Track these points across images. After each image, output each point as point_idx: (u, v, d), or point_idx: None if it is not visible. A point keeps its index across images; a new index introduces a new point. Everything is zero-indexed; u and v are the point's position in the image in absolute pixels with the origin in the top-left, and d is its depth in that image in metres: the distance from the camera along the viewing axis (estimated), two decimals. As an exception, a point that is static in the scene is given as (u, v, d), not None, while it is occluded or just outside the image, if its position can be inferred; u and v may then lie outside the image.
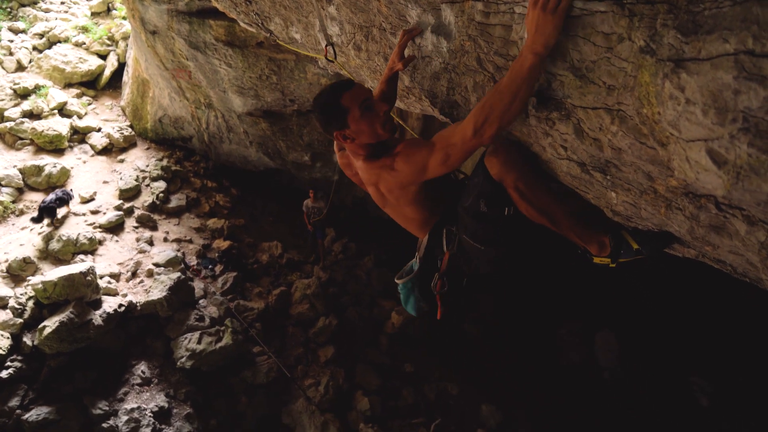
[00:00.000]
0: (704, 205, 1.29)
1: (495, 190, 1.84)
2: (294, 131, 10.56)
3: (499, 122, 1.52)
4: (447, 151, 1.69)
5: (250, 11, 4.50)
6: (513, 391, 8.79)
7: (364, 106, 1.86)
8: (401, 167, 1.86)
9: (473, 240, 2.00)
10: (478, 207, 1.90)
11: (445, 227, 2.14)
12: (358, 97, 1.85)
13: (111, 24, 14.51)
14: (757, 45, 0.95)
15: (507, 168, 1.79)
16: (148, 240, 9.25)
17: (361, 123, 1.87)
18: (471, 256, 2.10)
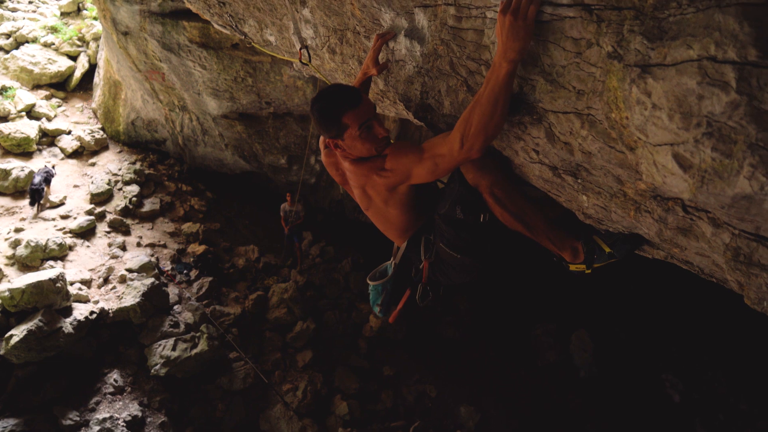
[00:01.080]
0: (672, 208, 1.31)
1: (471, 196, 1.84)
2: (270, 134, 10.48)
3: (485, 133, 1.52)
4: (435, 160, 1.70)
5: (224, 13, 4.45)
6: (491, 392, 8.85)
7: (365, 127, 1.82)
8: (391, 168, 1.85)
9: (449, 248, 1.98)
10: (454, 213, 1.89)
11: (424, 235, 2.13)
12: (361, 118, 1.80)
13: (81, 24, 14.20)
14: (719, 51, 0.97)
15: (482, 173, 1.79)
16: (120, 245, 9.06)
17: (356, 141, 1.84)
18: (447, 264, 2.09)
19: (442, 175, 1.77)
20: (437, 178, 1.79)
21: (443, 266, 2.12)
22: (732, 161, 0.96)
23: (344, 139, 1.85)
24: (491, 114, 1.48)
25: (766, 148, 0.92)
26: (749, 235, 1.16)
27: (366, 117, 1.81)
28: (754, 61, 0.92)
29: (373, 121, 1.83)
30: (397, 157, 1.84)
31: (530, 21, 1.36)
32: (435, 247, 2.08)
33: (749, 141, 0.93)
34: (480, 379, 9.06)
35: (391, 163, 1.85)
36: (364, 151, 1.88)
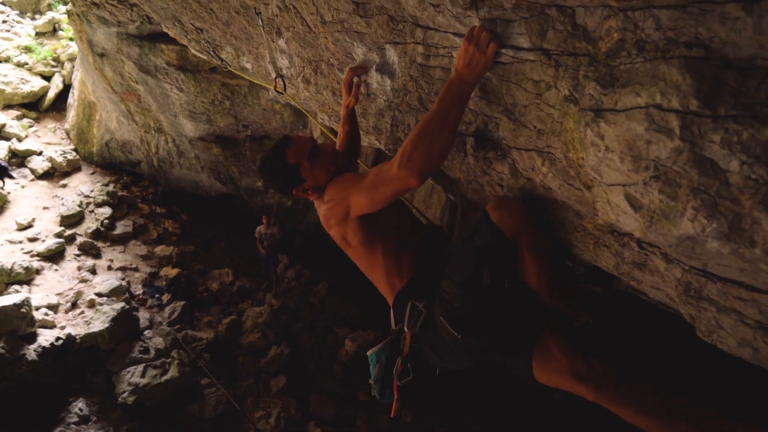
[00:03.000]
0: (627, 243, 1.37)
1: (504, 252, 1.56)
2: (247, 156, 10.46)
3: (427, 154, 1.41)
4: (374, 183, 1.57)
5: (201, 39, 4.49)
6: (467, 415, 8.81)
7: (312, 154, 1.83)
8: (330, 197, 1.81)
9: (452, 324, 1.62)
10: (480, 277, 1.56)
11: (412, 300, 1.78)
12: (303, 148, 1.82)
13: (57, 45, 14.07)
14: (664, 100, 1.03)
15: (523, 220, 1.54)
16: (90, 268, 8.86)
17: (314, 170, 1.84)
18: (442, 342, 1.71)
19: (380, 202, 1.61)
20: (376, 206, 1.63)
21: (436, 343, 1.74)
22: (677, 203, 1.02)
23: (306, 179, 1.86)
24: (437, 133, 1.41)
25: (707, 192, 0.98)
26: (698, 271, 1.21)
27: (307, 145, 1.83)
28: (696, 111, 0.99)
29: (315, 144, 1.86)
30: (336, 185, 1.81)
31: (489, 56, 1.41)
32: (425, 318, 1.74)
33: (692, 185, 0.99)
34: (455, 402, 9.02)
35: (330, 193, 1.81)
36: (325, 172, 1.87)
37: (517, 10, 1.34)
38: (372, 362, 1.98)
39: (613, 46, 1.17)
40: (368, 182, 1.61)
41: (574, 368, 1.48)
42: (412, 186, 1.47)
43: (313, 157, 1.84)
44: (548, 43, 1.31)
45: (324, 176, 1.87)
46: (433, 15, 1.56)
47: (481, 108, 1.57)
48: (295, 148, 1.83)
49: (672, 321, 1.61)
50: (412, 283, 1.81)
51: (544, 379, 1.56)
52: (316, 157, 1.84)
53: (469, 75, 1.43)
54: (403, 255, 1.84)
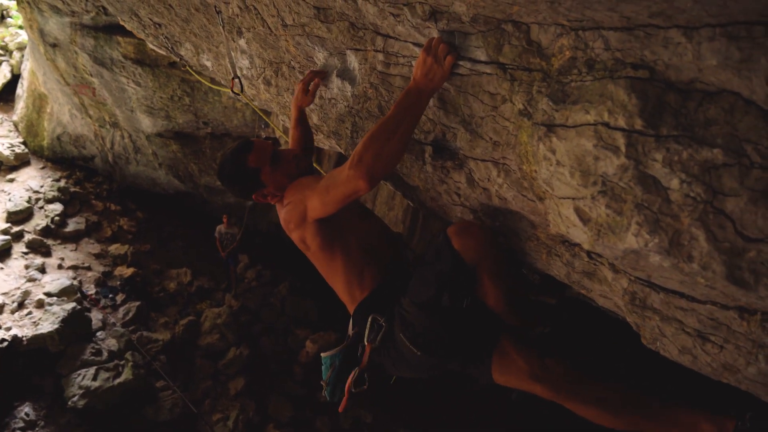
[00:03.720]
0: (578, 254, 1.41)
1: (464, 278, 1.60)
2: (207, 154, 10.24)
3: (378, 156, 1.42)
4: (327, 186, 1.58)
5: (160, 34, 4.36)
6: (427, 416, 8.89)
7: (274, 159, 1.83)
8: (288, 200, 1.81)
9: (412, 342, 1.65)
10: (440, 301, 1.59)
11: (373, 314, 1.77)
12: (265, 153, 1.82)
13: (5, 33, 13.42)
14: (611, 118, 1.07)
15: (485, 249, 1.57)
16: (39, 267, 8.48)
17: (275, 175, 1.84)
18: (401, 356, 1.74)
19: (332, 205, 1.60)
20: (329, 209, 1.63)
21: (395, 356, 1.76)
22: (622, 218, 1.06)
23: (266, 184, 1.85)
24: (389, 137, 1.42)
25: (650, 208, 1.02)
26: (643, 282, 1.26)
27: (269, 150, 1.83)
28: (640, 130, 1.03)
29: (276, 149, 1.86)
30: (295, 187, 1.82)
31: (446, 68, 1.43)
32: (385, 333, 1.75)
33: (636, 201, 1.03)
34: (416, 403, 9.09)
35: (289, 195, 1.82)
36: (286, 177, 1.86)
37: (475, 24, 1.37)
38: (325, 364, 1.99)
39: (565, 63, 1.21)
40: (322, 185, 1.63)
41: (531, 370, 1.57)
42: (360, 188, 1.46)
43: (275, 162, 1.83)
44: (504, 58, 1.34)
45: (285, 181, 1.86)
46: (394, 24, 1.57)
47: (439, 118, 1.59)
48: (257, 153, 1.82)
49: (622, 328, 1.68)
50: (373, 295, 1.80)
51: (503, 381, 1.65)
52: (278, 163, 1.84)
53: (426, 85, 1.44)
54: (366, 267, 1.81)
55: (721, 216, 0.95)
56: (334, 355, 1.96)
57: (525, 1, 1.14)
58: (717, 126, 0.97)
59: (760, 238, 0.91)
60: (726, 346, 1.19)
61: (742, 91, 0.95)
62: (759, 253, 0.91)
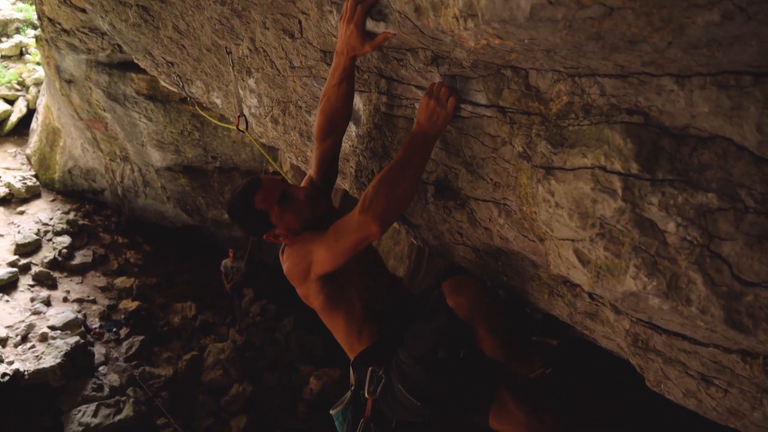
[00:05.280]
0: (579, 294, 1.42)
1: (460, 333, 1.64)
2: (215, 188, 10.36)
3: (387, 200, 1.44)
4: (336, 235, 1.55)
5: (172, 72, 4.49)
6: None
7: (283, 200, 1.73)
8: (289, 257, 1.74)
9: (411, 393, 1.68)
10: (435, 355, 1.63)
11: (372, 366, 1.80)
12: (273, 193, 1.72)
13: (23, 68, 13.84)
14: (608, 162, 1.09)
15: (479, 306, 1.62)
16: (44, 300, 8.50)
17: (285, 216, 1.73)
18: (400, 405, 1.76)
19: (342, 255, 1.57)
20: (339, 260, 1.59)
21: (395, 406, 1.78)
22: (621, 261, 1.07)
23: (276, 225, 1.76)
24: (398, 181, 1.45)
25: (647, 251, 1.03)
26: (645, 323, 1.26)
27: (277, 190, 1.73)
28: (636, 174, 1.05)
29: (286, 189, 1.76)
30: (299, 241, 1.73)
31: (449, 110, 1.47)
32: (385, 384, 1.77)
33: (634, 244, 1.05)
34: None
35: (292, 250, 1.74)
36: (297, 219, 1.75)
37: (475, 69, 1.41)
38: (338, 420, 2.00)
39: (563, 107, 1.24)
40: (329, 235, 1.58)
41: (529, 423, 1.64)
42: (373, 233, 1.47)
43: (284, 202, 1.73)
44: (504, 101, 1.38)
45: (296, 222, 1.76)
46: (397, 68, 1.63)
47: (441, 158, 1.62)
48: (265, 193, 1.73)
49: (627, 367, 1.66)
50: (372, 348, 1.81)
51: (499, 428, 1.71)
52: (286, 203, 1.73)
53: (431, 128, 1.48)
54: (366, 324, 1.81)
55: (717, 260, 0.96)
56: (344, 409, 1.96)
57: (522, 49, 1.18)
58: (711, 171, 0.98)
59: (757, 282, 0.92)
60: (730, 390, 1.18)
61: (734, 138, 0.97)
62: (756, 298, 0.92)
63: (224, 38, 2.84)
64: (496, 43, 1.13)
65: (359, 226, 1.47)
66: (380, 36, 1.44)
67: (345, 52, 1.53)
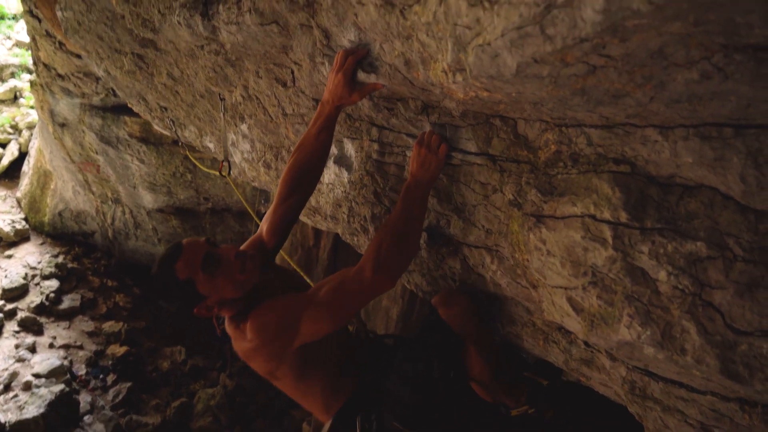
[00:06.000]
0: (574, 340, 1.41)
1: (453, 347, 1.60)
2: (207, 229, 10.32)
3: (398, 256, 1.42)
4: (337, 299, 1.40)
5: (165, 117, 4.55)
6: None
7: (207, 265, 1.46)
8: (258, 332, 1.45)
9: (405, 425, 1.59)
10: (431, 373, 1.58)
11: (360, 414, 1.65)
12: (195, 259, 1.45)
13: (16, 112, 13.92)
14: (597, 211, 1.11)
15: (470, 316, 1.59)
16: (30, 347, 8.29)
17: (214, 283, 1.47)
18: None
19: (346, 318, 1.46)
20: (339, 324, 1.48)
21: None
22: (614, 310, 1.07)
23: (207, 295, 1.49)
24: (405, 234, 1.43)
25: (640, 300, 1.03)
26: (641, 371, 1.25)
27: (200, 253, 1.47)
28: (625, 222, 1.07)
29: (211, 251, 1.49)
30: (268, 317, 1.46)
31: (441, 157, 1.49)
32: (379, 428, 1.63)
33: (626, 292, 1.05)
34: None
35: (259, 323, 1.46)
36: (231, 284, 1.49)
37: (465, 118, 1.44)
38: None
39: (552, 156, 1.26)
40: (326, 298, 1.41)
41: None
42: (387, 290, 1.44)
43: (210, 267, 1.46)
44: (493, 149, 1.41)
45: (230, 289, 1.50)
46: (388, 117, 1.66)
47: (433, 205, 1.63)
48: (185, 260, 1.45)
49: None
50: (354, 397, 1.68)
51: None
52: (213, 267, 1.47)
53: (423, 176, 1.50)
54: (343, 377, 1.67)
55: (710, 308, 0.96)
56: None
57: (510, 101, 1.21)
58: (698, 219, 1.00)
59: (750, 332, 0.92)
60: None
61: (720, 187, 0.99)
62: (750, 347, 0.92)
63: (218, 85, 2.89)
64: (484, 95, 1.16)
65: (374, 285, 1.40)
66: (368, 86, 1.47)
67: (331, 101, 1.55)
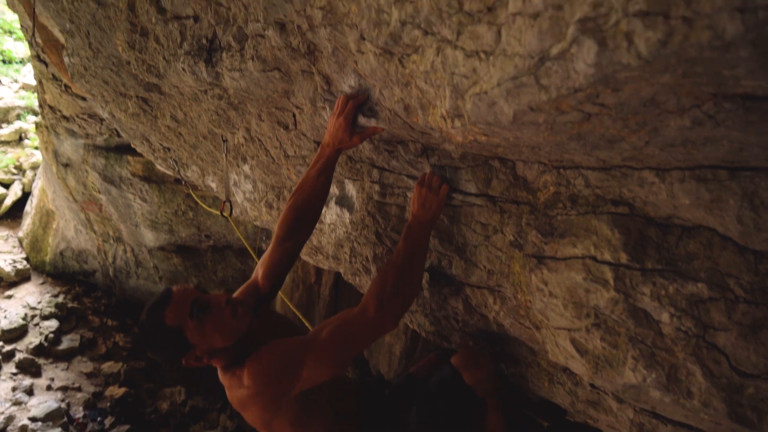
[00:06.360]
0: (580, 382, 1.39)
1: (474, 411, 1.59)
2: (208, 267, 10.30)
3: (402, 295, 1.41)
4: (340, 339, 1.37)
5: (168, 157, 4.61)
6: None
7: (197, 311, 1.41)
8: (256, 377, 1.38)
9: None
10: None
11: None
12: (184, 306, 1.40)
13: (21, 153, 14.10)
14: (597, 252, 1.12)
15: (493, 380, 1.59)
16: (27, 389, 8.16)
17: (204, 330, 1.41)
18: None
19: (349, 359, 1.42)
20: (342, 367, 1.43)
21: None
22: (618, 352, 1.06)
23: (195, 344, 1.42)
24: (408, 273, 1.43)
25: (644, 342, 1.03)
26: (649, 413, 1.23)
27: (189, 299, 1.42)
28: (626, 264, 1.07)
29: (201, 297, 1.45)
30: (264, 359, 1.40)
31: (442, 197, 1.51)
32: None
33: (630, 334, 1.05)
34: None
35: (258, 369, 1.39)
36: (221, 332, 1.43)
37: (464, 160, 1.47)
38: None
39: (551, 197, 1.28)
40: (331, 340, 1.38)
41: None
42: (390, 330, 1.43)
43: (199, 313, 1.41)
44: (493, 191, 1.42)
45: (220, 337, 1.43)
46: (388, 159, 1.68)
47: (434, 245, 1.64)
48: (175, 307, 1.41)
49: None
50: None
51: None
52: (203, 314, 1.41)
53: (425, 216, 1.51)
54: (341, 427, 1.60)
55: (714, 350, 0.96)
56: None
57: (508, 145, 1.23)
58: (698, 260, 1.01)
59: (756, 374, 0.91)
60: (743, 484, 1.14)
61: (717, 228, 1.00)
62: (758, 390, 0.91)
63: (220, 127, 2.94)
64: (482, 139, 1.18)
65: (377, 326, 1.39)
66: (368, 129, 1.50)
67: (332, 144, 1.57)
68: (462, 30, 0.94)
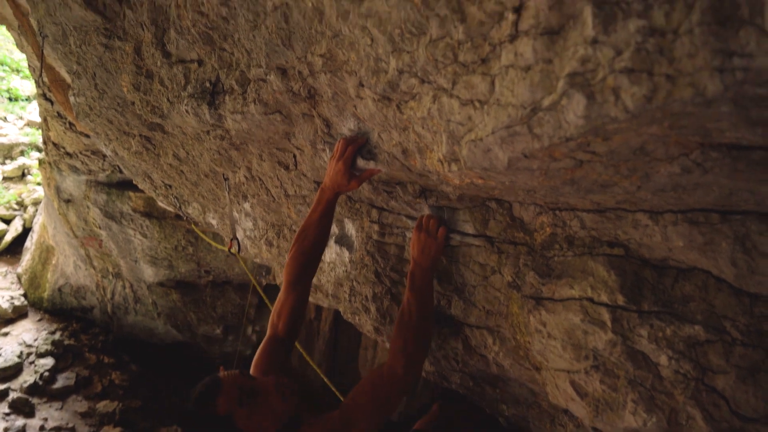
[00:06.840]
0: (582, 424, 1.38)
1: None
2: (207, 303, 10.22)
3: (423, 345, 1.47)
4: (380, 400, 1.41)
5: (170, 194, 4.65)
6: None
7: (247, 397, 1.43)
8: None
9: None
10: None
11: None
12: (233, 393, 1.42)
13: (23, 189, 14.20)
14: (594, 294, 1.12)
15: None
16: (19, 430, 7.99)
17: (254, 418, 1.43)
18: None
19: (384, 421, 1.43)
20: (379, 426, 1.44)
21: None
22: (618, 395, 1.06)
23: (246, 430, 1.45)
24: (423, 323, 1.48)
25: (643, 385, 1.03)
26: (652, 456, 1.22)
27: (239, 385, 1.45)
28: (623, 305, 1.08)
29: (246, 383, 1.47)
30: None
31: (440, 240, 1.53)
32: None
33: (629, 377, 1.04)
34: None
35: None
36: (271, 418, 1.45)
37: (462, 201, 1.49)
38: None
39: (547, 238, 1.29)
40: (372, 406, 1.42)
41: None
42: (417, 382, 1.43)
43: (249, 399, 1.43)
44: (491, 231, 1.44)
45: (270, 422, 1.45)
46: (387, 199, 1.71)
47: (433, 285, 1.65)
48: (225, 395, 1.42)
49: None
50: None
51: None
52: (253, 399, 1.44)
53: (425, 261, 1.53)
54: None
55: (713, 394, 0.95)
56: None
57: (504, 187, 1.26)
58: (694, 302, 1.02)
59: (756, 418, 0.91)
60: None
61: (712, 270, 1.01)
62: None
63: (222, 166, 2.99)
64: (479, 182, 1.20)
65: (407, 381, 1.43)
66: (367, 172, 1.53)
67: (331, 188, 1.60)
68: (457, 80, 0.97)
